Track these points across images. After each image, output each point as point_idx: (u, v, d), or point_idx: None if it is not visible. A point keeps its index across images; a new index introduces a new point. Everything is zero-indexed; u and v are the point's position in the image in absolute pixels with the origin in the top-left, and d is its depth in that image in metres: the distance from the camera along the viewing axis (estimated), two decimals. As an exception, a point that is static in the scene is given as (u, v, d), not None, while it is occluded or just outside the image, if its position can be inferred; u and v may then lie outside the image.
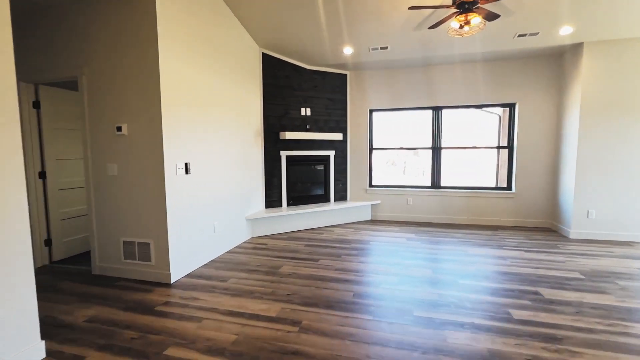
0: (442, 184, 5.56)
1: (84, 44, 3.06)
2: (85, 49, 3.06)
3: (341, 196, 5.80)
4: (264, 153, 4.98)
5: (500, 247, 4.09)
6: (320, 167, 5.60)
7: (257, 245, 4.29)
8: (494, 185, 6.30)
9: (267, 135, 4.99)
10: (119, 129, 3.00)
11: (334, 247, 4.16)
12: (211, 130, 3.69)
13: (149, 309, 2.53)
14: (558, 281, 3.01)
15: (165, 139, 2.94)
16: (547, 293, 2.76)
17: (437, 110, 5.46)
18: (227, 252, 3.97)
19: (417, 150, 6.47)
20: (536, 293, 2.76)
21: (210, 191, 3.66)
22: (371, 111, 5.74)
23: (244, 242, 4.40)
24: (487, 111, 6.66)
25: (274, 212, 4.79)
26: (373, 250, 4.00)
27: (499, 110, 6.77)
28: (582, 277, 3.11)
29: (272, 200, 5.12)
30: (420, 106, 5.47)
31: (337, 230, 5.04)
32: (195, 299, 2.71)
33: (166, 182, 2.96)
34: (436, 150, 5.53)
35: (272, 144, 5.05)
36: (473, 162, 8.74)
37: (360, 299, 2.69)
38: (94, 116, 3.10)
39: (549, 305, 2.55)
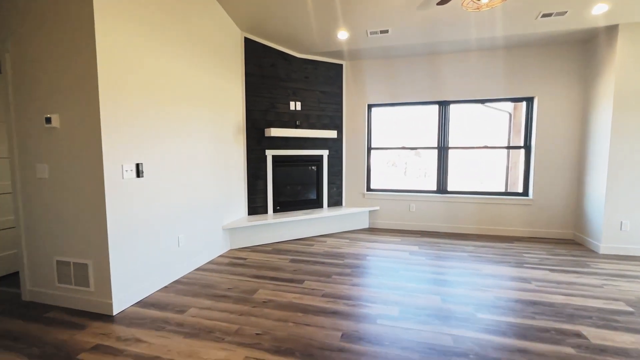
0: (449, 189, 4.93)
1: (8, 17, 2.45)
2: (10, 22, 2.44)
3: (335, 201, 5.18)
4: (247, 152, 4.36)
5: (520, 264, 3.46)
6: (312, 169, 4.98)
7: (234, 260, 3.67)
8: (503, 189, 5.69)
9: (250, 132, 4.37)
10: (48, 120, 2.38)
11: (324, 263, 3.54)
12: (177, 125, 3.07)
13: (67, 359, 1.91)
14: (602, 315, 2.38)
15: (105, 134, 2.32)
16: (593, 335, 2.13)
17: (443, 105, 4.84)
18: (196, 270, 3.35)
19: (418, 150, 5.87)
20: (578, 335, 2.13)
21: (174, 198, 3.04)
22: (370, 106, 5.12)
23: (220, 256, 3.78)
24: (495, 108, 6.06)
25: (258, 219, 4.17)
26: (370, 268, 3.37)
27: (509, 107, 6.17)
28: (630, 309, 2.48)
29: (256, 207, 4.50)
30: (425, 100, 4.85)
31: (330, 240, 4.41)
32: (137, 340, 2.09)
33: (106, 188, 2.34)
34: (443, 150, 4.90)
35: (256, 142, 4.43)
36: (480, 164, 8.13)
37: (351, 342, 2.06)
38: (21, 104, 2.49)
39: (600, 356, 1.92)
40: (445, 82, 4.72)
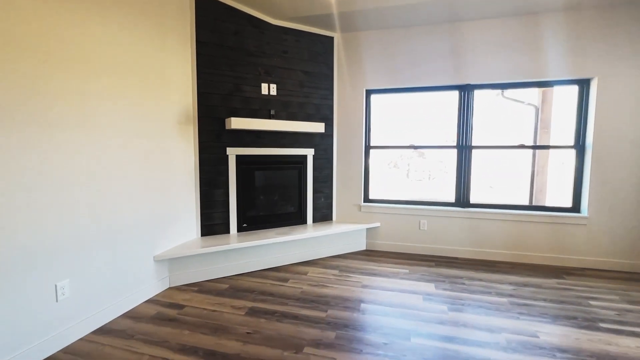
0: (471, 200, 3.76)
1: None
2: None
3: (323, 215, 4.00)
4: (199, 151, 3.18)
5: (592, 321, 2.29)
6: (292, 173, 3.80)
7: (166, 309, 2.49)
8: (527, 201, 4.55)
9: (205, 123, 3.19)
10: None
11: (297, 317, 2.36)
12: (74, 110, 1.90)
13: None
14: None
15: None
16: None
17: (466, 90, 3.66)
18: (94, 332, 2.17)
19: (422, 150, 4.76)
20: None
21: (60, 222, 1.87)
22: (369, 92, 3.94)
23: (148, 302, 2.60)
24: (516, 100, 4.90)
25: (213, 243, 3.00)
26: (365, 330, 2.20)
27: (535, 98, 5.02)
28: None
29: (212, 225, 3.32)
30: (441, 85, 3.67)
31: (312, 272, 3.24)
32: None
33: None
34: (464, 150, 3.72)
35: (214, 137, 3.25)
36: (496, 168, 7.01)
37: None
38: None
39: None
40: (469, 59, 3.54)
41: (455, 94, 3.74)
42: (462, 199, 3.75)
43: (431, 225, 3.77)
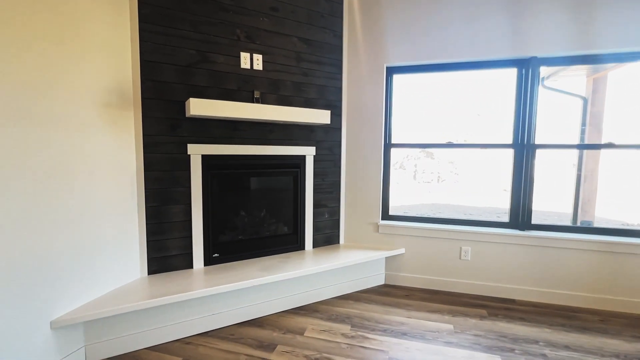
0: (534, 221, 2.71)
1: None
2: None
3: (327, 238, 2.95)
4: (144, 148, 2.13)
5: None
6: (285, 181, 2.75)
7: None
8: (570, 215, 3.54)
9: (152, 106, 2.14)
10: None
11: None
12: None
13: None
14: None
15: None
16: None
17: (528, 66, 2.61)
18: None
19: (430, 149, 3.76)
20: None
21: None
22: (391, 71, 2.89)
23: (35, 402, 1.55)
24: (560, 90, 3.87)
25: (162, 290, 1.94)
26: None
27: (581, 88, 4.00)
28: None
29: (166, 258, 2.27)
30: (493, 59, 2.63)
31: (310, 330, 2.19)
32: None
33: None
34: (525, 149, 2.67)
35: (167, 129, 2.20)
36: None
37: None
38: None
39: None
40: (532, 23, 2.50)
41: (511, 73, 2.70)
42: (521, 218, 2.69)
43: (477, 253, 2.72)
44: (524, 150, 2.66)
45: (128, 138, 2.06)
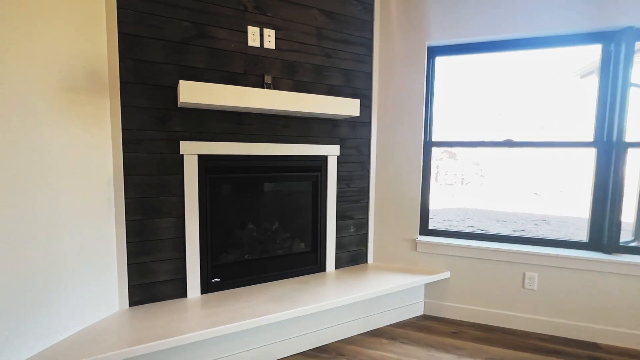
0: (621, 239, 2.09)
1: None
2: None
3: (352, 256, 2.42)
4: (123, 146, 1.67)
5: None
6: (302, 187, 2.25)
7: None
8: None
9: (135, 93, 1.67)
10: None
11: None
12: None
13: None
14: None
15: None
16: None
17: (618, 40, 2.00)
18: None
19: (451, 148, 3.34)
20: None
21: None
22: (433, 52, 2.34)
23: None
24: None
25: (145, 332, 1.47)
26: None
27: None
28: None
29: (153, 285, 1.79)
30: (568, 32, 2.04)
31: (336, 383, 1.67)
32: None
33: None
34: (612, 148, 2.05)
35: (154, 121, 1.72)
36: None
37: None
38: None
39: None
40: (628, -18, 1.89)
41: (593, 51, 2.09)
42: (607, 238, 2.08)
43: (546, 281, 2.13)
44: (611, 149, 2.04)
45: (102, 133, 1.60)
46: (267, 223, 2.22)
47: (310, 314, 1.88)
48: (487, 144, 2.26)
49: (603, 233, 2.09)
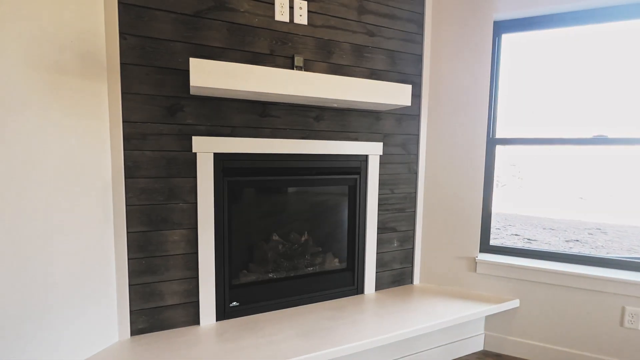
0: None
1: None
2: None
3: (395, 276, 2.02)
4: (124, 143, 1.36)
5: None
6: (337, 193, 1.88)
7: None
8: None
9: (138, 76, 1.36)
10: None
11: None
12: None
13: None
14: None
15: None
16: None
17: None
18: None
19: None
20: None
21: None
22: (499, 28, 1.89)
23: None
24: None
25: (150, 357, 1.17)
26: None
27: None
28: None
29: (159, 310, 1.48)
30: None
31: None
32: None
33: None
34: None
35: (162, 112, 1.41)
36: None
37: None
38: None
39: None
40: None
41: None
42: None
43: (654, 320, 1.64)
44: None
45: (98, 127, 1.30)
46: (295, 235, 1.87)
47: (349, 355, 1.51)
48: (572, 141, 1.79)
49: None
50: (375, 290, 1.95)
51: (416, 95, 1.94)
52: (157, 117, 1.41)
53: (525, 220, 7.31)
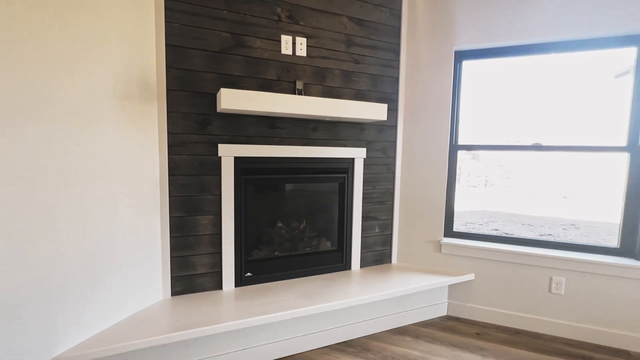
0: (656, 247, 2.05)
1: None
2: None
3: (377, 256, 2.49)
4: (168, 149, 1.81)
5: None
6: (329, 188, 2.34)
7: None
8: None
9: (179, 99, 1.81)
10: None
11: None
12: None
13: None
14: None
15: None
16: None
17: (654, 44, 1.97)
18: None
19: (476, 151, 3.21)
20: None
21: None
22: (460, 56, 2.36)
23: None
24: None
25: (187, 321, 1.61)
26: None
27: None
28: None
29: (192, 277, 1.94)
30: (599, 35, 2.02)
31: (362, 376, 1.75)
32: None
33: None
34: (645, 154, 2.03)
35: (195, 126, 1.86)
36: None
37: None
38: None
39: None
40: (666, -16, 1.86)
41: (627, 54, 2.06)
42: (639, 244, 2.05)
43: (574, 286, 2.12)
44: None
45: (150, 137, 1.75)
46: (295, 222, 2.32)
47: (337, 310, 1.97)
48: (515, 147, 2.27)
49: (635, 239, 2.05)
50: (360, 267, 2.41)
51: (393, 110, 2.40)
52: (192, 129, 1.86)
53: (508, 217, 7.82)
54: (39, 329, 1.30)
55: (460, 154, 2.45)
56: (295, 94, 2.05)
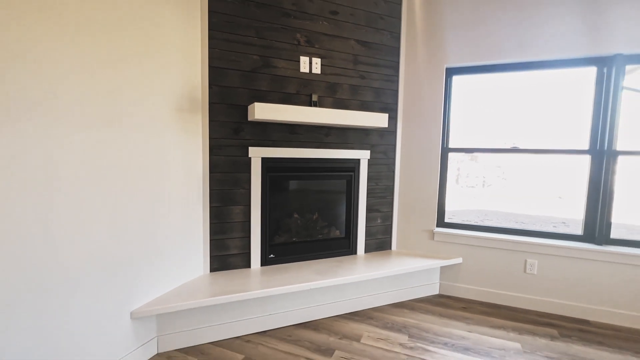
0: (612, 235, 2.46)
1: None
2: None
3: (379, 243, 2.89)
4: (210, 151, 2.23)
5: None
6: (339, 184, 2.75)
7: (138, 407, 1.54)
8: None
9: (218, 110, 2.23)
10: None
11: None
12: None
13: None
14: None
15: None
16: None
17: (610, 65, 2.37)
18: None
19: (474, 153, 3.56)
20: None
21: None
22: (450, 72, 2.77)
23: (116, 387, 1.67)
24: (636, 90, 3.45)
25: (225, 289, 2.02)
26: None
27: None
28: None
29: (226, 257, 2.35)
30: (568, 57, 2.42)
31: (367, 338, 2.15)
32: None
33: None
34: (604, 156, 2.43)
35: (230, 132, 2.28)
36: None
37: None
38: None
39: None
40: (618, 17, 2.26)
41: (588, 73, 2.47)
42: (598, 232, 2.45)
43: (545, 267, 2.52)
44: (603, 157, 2.42)
45: (197, 141, 2.16)
46: (310, 213, 2.73)
47: (346, 284, 2.38)
48: (496, 150, 2.67)
49: (595, 228, 2.46)
50: (365, 252, 2.82)
51: (393, 118, 2.81)
52: (228, 135, 2.27)
53: (504, 216, 8.19)
54: (119, 288, 1.71)
55: (458, 155, 2.85)
56: (311, 105, 2.46)
